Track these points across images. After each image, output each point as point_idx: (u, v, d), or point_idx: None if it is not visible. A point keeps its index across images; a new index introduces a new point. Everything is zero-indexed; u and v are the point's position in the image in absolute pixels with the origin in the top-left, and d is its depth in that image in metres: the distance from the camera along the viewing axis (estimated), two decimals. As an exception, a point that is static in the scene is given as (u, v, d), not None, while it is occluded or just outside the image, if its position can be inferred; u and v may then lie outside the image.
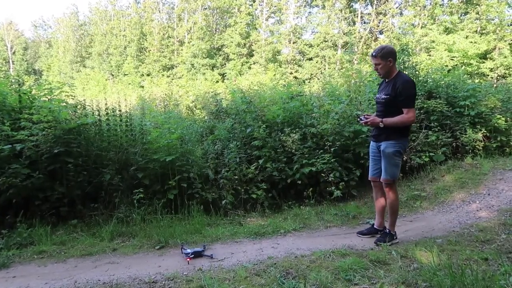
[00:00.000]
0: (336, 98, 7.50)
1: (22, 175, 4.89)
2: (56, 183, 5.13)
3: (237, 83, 20.43)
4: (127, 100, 14.05)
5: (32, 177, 4.91)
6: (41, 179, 4.97)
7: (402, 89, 3.88)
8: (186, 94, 13.02)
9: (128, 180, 5.52)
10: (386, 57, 3.99)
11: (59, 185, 5.13)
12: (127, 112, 6.35)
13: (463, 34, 23.89)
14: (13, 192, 4.80)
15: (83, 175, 5.25)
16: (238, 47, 38.60)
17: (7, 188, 4.77)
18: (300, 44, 38.14)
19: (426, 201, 5.68)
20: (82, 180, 5.23)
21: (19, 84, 6.57)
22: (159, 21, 45.86)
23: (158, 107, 10.66)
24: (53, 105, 5.69)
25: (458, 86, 8.44)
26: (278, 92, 8.40)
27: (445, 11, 28.17)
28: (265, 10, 41.00)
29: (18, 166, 4.90)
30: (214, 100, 8.83)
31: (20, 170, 4.89)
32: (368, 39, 34.43)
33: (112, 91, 28.62)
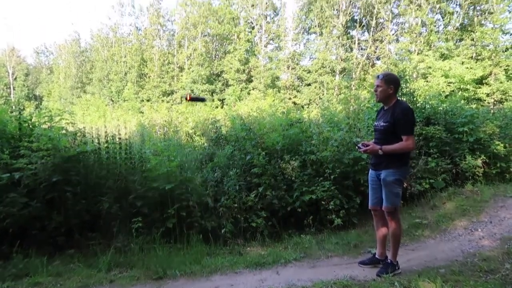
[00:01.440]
0: (335, 125, 7.54)
1: (20, 204, 4.84)
2: (54, 212, 5.07)
3: (236, 109, 20.57)
4: (127, 126, 14.12)
5: (30, 206, 4.87)
6: (39, 208, 4.92)
7: (401, 117, 3.91)
8: (185, 120, 13.10)
9: (127, 208, 5.46)
10: (389, 83, 4.04)
11: (56, 214, 5.07)
12: (127, 140, 6.36)
13: (459, 60, 24.28)
14: (10, 222, 4.74)
15: (81, 204, 5.21)
16: (237, 73, 39.11)
17: (4, 218, 4.71)
18: (298, 70, 38.66)
19: (428, 229, 5.62)
20: (80, 208, 5.18)
21: (19, 111, 6.59)
22: (160, 48, 46.62)
23: (157, 133, 10.70)
24: (53, 132, 5.70)
25: (456, 112, 8.50)
26: (277, 118, 8.45)
27: (440, 38, 28.73)
28: (264, 37, 41.78)
29: (16, 195, 4.86)
30: (214, 127, 8.87)
31: (18, 199, 4.85)
32: (365, 65, 34.94)
33: (112, 117, 28.78)
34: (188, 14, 43.28)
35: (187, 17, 43.18)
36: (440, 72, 22.30)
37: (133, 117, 25.63)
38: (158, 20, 46.53)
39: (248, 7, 42.37)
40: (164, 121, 11.56)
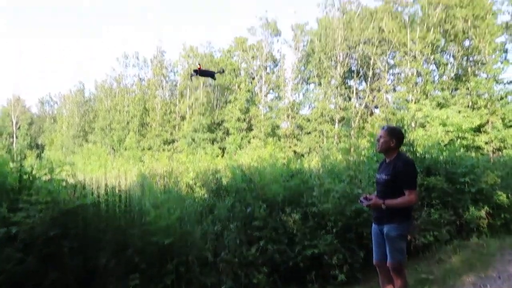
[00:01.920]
0: (336, 176, 7.52)
1: (15, 259, 4.72)
2: (50, 268, 4.93)
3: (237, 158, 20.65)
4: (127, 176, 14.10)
5: (25, 261, 4.74)
6: (35, 263, 4.79)
7: (403, 170, 3.91)
8: (186, 170, 13.12)
9: (124, 263, 5.31)
10: (391, 135, 4.08)
11: (52, 270, 4.93)
12: (126, 192, 6.32)
13: (456, 108, 24.75)
14: (3, 278, 4.59)
15: (78, 259, 5.07)
16: (238, 121, 39.70)
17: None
18: (298, 118, 39.26)
19: (435, 285, 5.42)
20: (77, 264, 5.04)
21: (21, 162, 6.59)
22: (162, 98, 47.70)
23: (158, 184, 10.68)
24: (52, 185, 5.68)
25: (456, 162, 8.51)
26: (278, 169, 8.46)
27: (436, 87, 29.46)
28: (264, 87, 42.85)
29: (11, 250, 4.75)
30: (214, 177, 8.87)
31: (13, 254, 4.73)
32: (364, 113, 35.55)
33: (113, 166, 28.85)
34: (190, 65, 44.69)
35: (189, 68, 44.56)
36: (437, 121, 22.65)
37: (134, 166, 25.70)
38: (161, 71, 47.99)
39: (248, 59, 43.84)
40: (165, 171, 11.57)
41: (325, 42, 35.91)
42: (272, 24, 41.86)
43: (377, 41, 33.50)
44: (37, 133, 65.68)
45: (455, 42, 29.91)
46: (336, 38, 35.18)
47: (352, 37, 34.64)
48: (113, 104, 50.57)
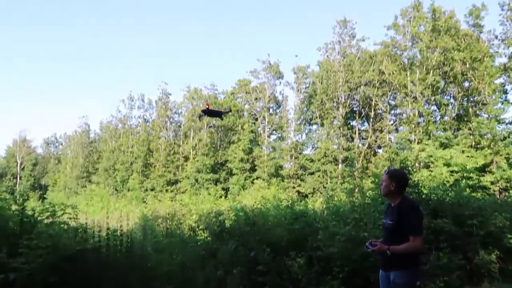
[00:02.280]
0: (341, 218, 7.40)
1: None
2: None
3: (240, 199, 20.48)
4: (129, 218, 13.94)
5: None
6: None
7: (408, 216, 3.82)
8: (189, 212, 12.98)
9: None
10: (392, 179, 4.01)
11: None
12: (128, 235, 6.23)
13: (459, 148, 24.70)
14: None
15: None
16: (241, 162, 39.73)
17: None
18: (301, 159, 39.27)
19: (448, 334, 5.18)
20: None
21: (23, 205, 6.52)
22: (166, 138, 48.13)
23: (160, 226, 10.53)
24: (54, 229, 5.62)
25: (463, 203, 8.38)
26: (281, 211, 8.35)
27: (438, 128, 29.59)
28: (267, 128, 43.22)
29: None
30: (217, 220, 8.75)
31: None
32: (367, 154, 35.54)
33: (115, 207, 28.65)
34: (194, 107, 45.43)
35: (194, 109, 45.26)
36: (441, 161, 22.55)
37: (137, 208, 25.50)
38: (166, 112, 48.74)
39: (251, 100, 44.56)
40: (167, 213, 11.45)
41: (327, 84, 36.58)
42: (275, 67, 42.90)
43: (378, 82, 34.10)
44: (41, 173, 65.86)
45: (455, 83, 30.38)
46: (337, 80, 35.87)
47: (353, 79, 35.31)
48: (118, 144, 51.02)
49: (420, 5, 30.21)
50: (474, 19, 28.51)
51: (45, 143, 72.15)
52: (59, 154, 68.95)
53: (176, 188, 42.50)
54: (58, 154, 69.76)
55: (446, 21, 28.56)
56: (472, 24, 28.81)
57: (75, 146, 60.92)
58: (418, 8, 30.24)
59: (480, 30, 28.72)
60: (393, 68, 30.96)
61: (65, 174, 58.51)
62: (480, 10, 28.10)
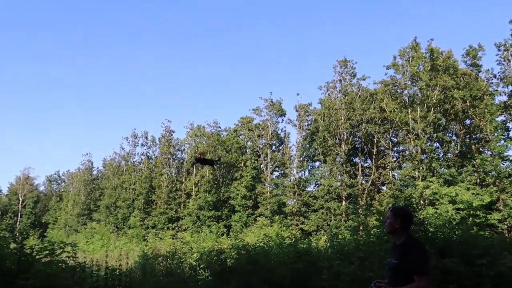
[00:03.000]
0: (345, 257, 7.21)
1: None
2: None
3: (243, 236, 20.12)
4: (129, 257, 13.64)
5: None
6: None
7: (411, 256, 3.71)
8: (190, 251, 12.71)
9: None
10: (396, 216, 3.94)
11: None
12: (127, 275, 6.07)
13: (464, 185, 24.43)
14: None
15: None
16: (243, 199, 39.37)
17: None
18: (304, 196, 38.90)
19: None
20: None
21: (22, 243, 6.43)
22: (169, 175, 48.04)
23: (160, 265, 10.28)
24: (52, 268, 5.50)
25: (470, 241, 8.17)
26: (284, 250, 8.17)
27: (442, 165, 29.42)
28: (270, 165, 43.16)
29: None
30: (218, 258, 8.54)
31: None
32: (371, 191, 35.21)
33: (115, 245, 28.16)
34: (197, 144, 45.69)
35: (196, 146, 45.48)
36: (447, 198, 22.25)
37: (137, 246, 25.04)
38: (169, 149, 48.95)
39: (254, 137, 44.81)
40: (168, 252, 11.21)
41: (329, 121, 36.88)
42: (277, 105, 43.45)
43: (379, 120, 34.35)
44: (42, 211, 65.41)
45: (456, 121, 30.54)
46: (339, 117, 36.19)
47: (354, 116, 35.62)
48: (120, 181, 50.89)
49: (418, 46, 30.92)
50: (471, 59, 29.09)
51: (48, 181, 72.12)
52: (61, 192, 68.74)
53: (178, 225, 41.93)
54: (60, 191, 69.56)
55: (444, 61, 29.12)
56: (470, 64, 29.39)
57: (77, 184, 60.82)
58: (416, 48, 30.94)
59: (478, 69, 29.24)
60: (394, 106, 31.28)
61: (66, 212, 58.04)
62: (477, 50, 28.73)
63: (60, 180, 73.03)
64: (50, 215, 62.33)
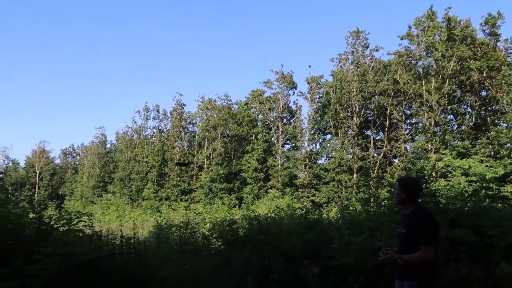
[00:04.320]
0: (356, 227, 7.28)
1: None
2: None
3: (254, 208, 20.40)
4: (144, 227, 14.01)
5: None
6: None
7: (420, 224, 3.73)
8: (203, 221, 12.98)
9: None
10: (403, 186, 3.96)
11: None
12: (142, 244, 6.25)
13: (478, 158, 24.17)
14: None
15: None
16: (255, 172, 39.68)
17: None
18: (316, 168, 39.03)
19: None
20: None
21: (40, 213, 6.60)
22: (181, 148, 48.50)
23: (174, 235, 10.56)
24: (69, 236, 5.68)
25: (482, 213, 8.16)
26: (296, 220, 8.28)
27: (456, 137, 29.06)
28: (281, 138, 43.18)
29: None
30: (231, 228, 8.72)
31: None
32: (383, 163, 35.10)
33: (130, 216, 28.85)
34: (208, 117, 45.76)
35: (208, 120, 45.58)
36: (459, 171, 22.08)
37: (151, 217, 25.63)
38: (180, 123, 49.19)
39: (265, 110, 44.66)
40: (181, 222, 11.48)
41: (341, 94, 36.44)
42: (288, 78, 43.00)
43: (393, 92, 33.81)
44: (59, 183, 66.99)
45: (472, 92, 29.91)
46: (351, 89, 35.71)
47: (367, 88, 35.09)
48: (133, 154, 51.58)
49: (434, 15, 29.92)
50: (490, 28, 28.15)
51: (63, 154, 73.47)
52: (76, 165, 70.10)
53: (190, 197, 42.64)
54: (75, 164, 70.92)
55: (462, 30, 28.21)
56: (489, 33, 28.45)
57: (91, 157, 61.86)
58: (432, 17, 29.95)
59: (497, 38, 28.33)
60: (407, 78, 30.67)
61: (81, 184, 59.35)
62: (496, 18, 27.75)
63: (74, 153, 74.37)
64: (66, 187, 63.84)
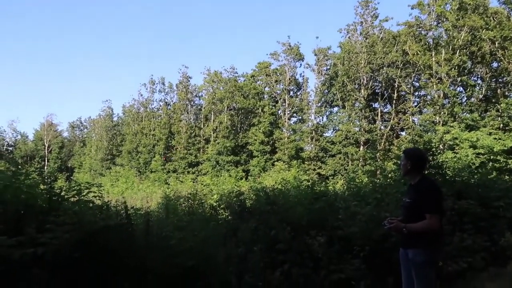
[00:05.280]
0: (362, 199, 7.34)
1: (42, 280, 4.76)
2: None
3: (261, 180, 20.57)
4: (153, 198, 14.23)
5: (51, 283, 4.77)
6: (59, 284, 4.82)
7: (425, 194, 3.77)
8: (210, 193, 13.15)
9: (148, 285, 5.28)
10: (408, 158, 4.00)
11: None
12: (151, 214, 6.36)
13: (486, 130, 23.94)
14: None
15: (101, 281, 5.08)
16: (261, 144, 39.78)
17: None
18: (322, 141, 39.01)
19: (470, 314, 5.12)
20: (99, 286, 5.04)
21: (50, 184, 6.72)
22: (187, 121, 48.55)
23: (182, 206, 10.72)
24: (79, 206, 5.79)
25: (489, 185, 8.17)
26: (302, 192, 8.35)
27: (464, 109, 28.71)
28: (288, 110, 42.99)
29: (38, 271, 4.80)
30: (238, 199, 8.84)
31: (40, 275, 4.78)
32: (390, 136, 34.95)
33: (139, 188, 29.30)
34: (215, 90, 45.51)
35: (214, 92, 45.36)
36: (467, 143, 21.94)
37: (159, 188, 26.00)
38: (187, 96, 49.02)
39: (272, 83, 44.28)
40: (189, 194, 11.64)
41: (348, 66, 35.91)
42: (295, 49, 42.34)
43: (401, 63, 33.23)
44: (67, 156, 67.81)
45: (483, 64, 29.28)
46: (359, 61, 35.15)
47: (375, 60, 34.51)
48: (140, 127, 51.80)
49: (446, -18, 28.97)
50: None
51: (71, 127, 74.01)
52: (84, 137, 70.71)
53: (198, 169, 43.04)
54: (83, 137, 71.55)
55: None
56: (503, 1, 27.46)
57: (99, 130, 62.25)
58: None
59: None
60: (417, 49, 30.02)
61: (90, 157, 60.04)
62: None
63: (82, 127, 74.90)
64: (75, 160, 64.68)
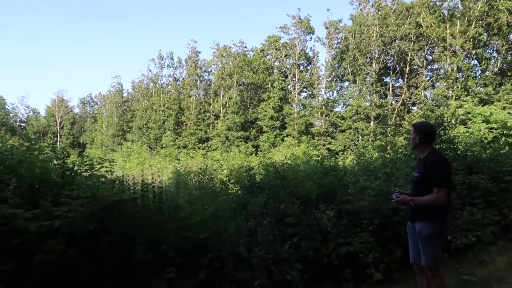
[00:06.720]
0: (371, 173, 7.34)
1: (58, 251, 4.92)
2: (89, 261, 5.11)
3: (270, 156, 20.64)
4: (164, 173, 14.41)
5: (67, 253, 4.93)
6: (75, 256, 4.97)
7: (432, 168, 3.78)
8: (220, 168, 13.26)
9: (160, 258, 5.42)
10: (417, 131, 4.01)
11: (91, 262, 5.10)
12: (161, 188, 6.45)
13: (500, 105, 23.48)
14: (47, 269, 4.79)
15: (115, 253, 5.22)
16: (271, 120, 39.69)
17: (41, 265, 4.78)
18: (332, 116, 38.75)
19: (477, 287, 5.18)
20: (114, 257, 5.19)
21: (63, 159, 6.84)
22: (197, 97, 48.49)
23: (193, 181, 10.85)
24: (92, 180, 5.90)
25: (501, 160, 8.09)
26: (311, 166, 8.37)
27: (478, 83, 28.11)
28: (297, 85, 42.58)
29: (54, 243, 4.95)
30: (248, 174, 8.91)
31: (56, 247, 4.93)
32: (401, 111, 34.56)
33: (150, 163, 29.64)
34: (224, 65, 45.15)
35: (223, 67, 45.02)
36: (480, 118, 21.57)
37: (170, 164, 26.29)
38: (196, 71, 48.75)
39: (281, 57, 43.71)
40: (199, 169, 11.75)
41: (360, 39, 35.20)
42: (305, 22, 41.51)
43: (414, 36, 32.46)
44: (79, 132, 68.63)
45: (499, 35, 28.41)
46: (371, 34, 34.39)
47: (387, 33, 33.73)
48: (150, 103, 51.94)
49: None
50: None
51: (81, 103, 74.55)
52: (95, 114, 71.26)
53: (208, 145, 43.30)
54: (94, 113, 72.11)
55: (492, -34, 26.28)
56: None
57: (109, 106, 62.60)
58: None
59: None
60: (431, 20, 29.20)
61: (101, 133, 60.67)
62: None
63: (93, 103, 75.37)
64: (86, 136, 65.46)
